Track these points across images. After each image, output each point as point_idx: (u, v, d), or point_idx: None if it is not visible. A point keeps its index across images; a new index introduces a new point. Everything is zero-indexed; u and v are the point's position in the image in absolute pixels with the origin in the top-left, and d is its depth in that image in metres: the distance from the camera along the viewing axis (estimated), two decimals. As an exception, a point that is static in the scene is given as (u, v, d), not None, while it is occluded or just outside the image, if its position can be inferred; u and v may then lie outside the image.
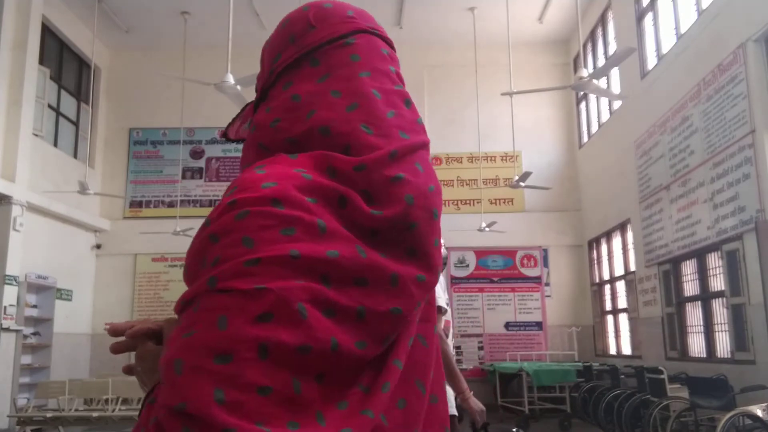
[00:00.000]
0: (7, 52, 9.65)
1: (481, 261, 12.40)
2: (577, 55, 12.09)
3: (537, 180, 10.86)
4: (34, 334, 10.16)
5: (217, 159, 13.04)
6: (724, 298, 7.45)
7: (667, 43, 9.18)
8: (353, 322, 0.66)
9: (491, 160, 12.84)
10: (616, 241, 11.32)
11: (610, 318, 11.71)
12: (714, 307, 7.95)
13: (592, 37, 12.23)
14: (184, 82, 10.83)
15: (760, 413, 5.12)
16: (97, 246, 12.34)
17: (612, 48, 11.13)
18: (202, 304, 0.63)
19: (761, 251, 6.42)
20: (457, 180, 12.91)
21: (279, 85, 0.85)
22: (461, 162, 12.93)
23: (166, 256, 12.37)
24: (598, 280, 12.10)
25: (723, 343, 7.65)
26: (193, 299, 0.65)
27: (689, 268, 8.60)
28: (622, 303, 10.99)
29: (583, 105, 12.87)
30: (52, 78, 11.32)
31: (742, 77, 7.04)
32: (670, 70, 8.88)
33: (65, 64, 11.95)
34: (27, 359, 9.93)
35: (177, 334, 0.63)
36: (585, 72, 7.14)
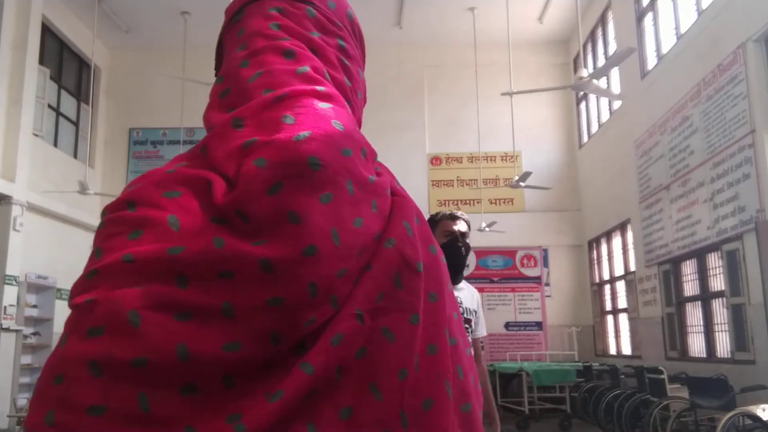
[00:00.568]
0: (7, 52, 9.64)
1: (481, 261, 12.40)
2: (577, 55, 12.08)
3: (537, 180, 10.85)
4: (34, 334, 10.15)
5: (217, 159, 13.03)
6: (724, 298, 7.45)
7: (667, 43, 9.17)
8: (218, 321, 0.57)
9: (491, 160, 12.84)
10: (616, 241, 11.31)
11: (610, 318, 11.71)
12: (714, 307, 7.94)
13: (592, 37, 12.22)
14: (184, 82, 10.83)
15: (760, 413, 5.12)
16: (97, 246, 12.33)
17: (612, 48, 11.13)
18: (65, 322, 0.61)
19: (761, 251, 6.42)
20: (457, 180, 12.91)
21: None
22: (461, 162, 12.92)
23: (166, 256, 12.36)
24: (598, 280, 12.10)
25: (723, 343, 7.65)
26: None
27: (689, 268, 8.60)
28: (622, 303, 10.99)
29: (583, 105, 12.87)
30: (52, 78, 11.31)
31: (742, 77, 7.04)
32: (670, 70, 8.88)
33: (65, 64, 11.94)
34: (27, 359, 9.92)
35: None
36: (585, 72, 7.13)
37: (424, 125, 13.02)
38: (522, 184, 10.06)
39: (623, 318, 11.00)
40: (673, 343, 8.79)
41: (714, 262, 7.88)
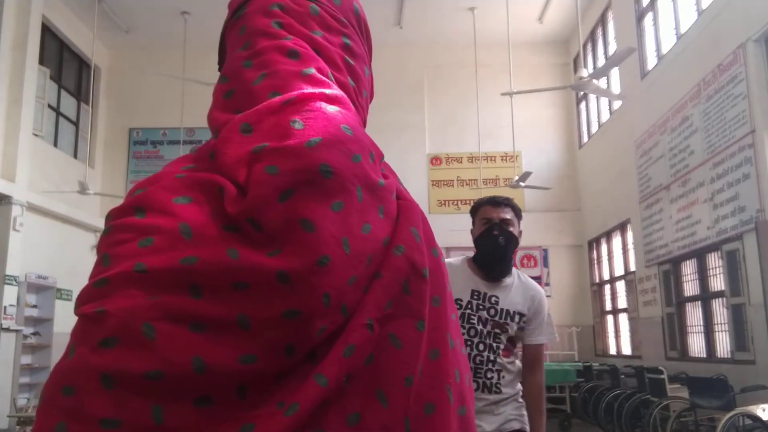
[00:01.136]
0: (7, 52, 9.64)
1: (481, 261, 12.39)
2: (577, 55, 12.08)
3: (537, 180, 10.85)
4: (34, 334, 10.15)
5: (217, 159, 13.03)
6: (724, 298, 7.45)
7: (667, 43, 9.17)
8: (233, 333, 0.57)
9: (491, 160, 12.84)
10: (616, 241, 11.31)
11: (610, 318, 11.71)
12: (714, 307, 7.94)
13: (592, 37, 12.22)
14: (184, 82, 10.83)
15: (760, 413, 5.12)
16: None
17: (612, 48, 11.13)
18: (72, 331, 0.60)
19: (761, 251, 6.42)
20: (457, 180, 12.91)
21: None
22: (461, 162, 12.92)
23: (166, 256, 12.36)
24: (598, 280, 12.10)
25: (723, 343, 7.64)
26: None
27: (689, 268, 8.60)
28: (622, 303, 10.99)
29: (583, 105, 12.87)
30: (52, 78, 11.31)
31: (742, 77, 7.04)
32: (670, 70, 8.88)
33: (65, 64, 11.94)
34: (27, 359, 9.92)
35: None
36: (585, 72, 7.14)
37: (424, 125, 13.02)
38: (522, 184, 10.06)
39: (623, 318, 11.00)
40: (673, 343, 8.79)
41: (714, 262, 7.87)
